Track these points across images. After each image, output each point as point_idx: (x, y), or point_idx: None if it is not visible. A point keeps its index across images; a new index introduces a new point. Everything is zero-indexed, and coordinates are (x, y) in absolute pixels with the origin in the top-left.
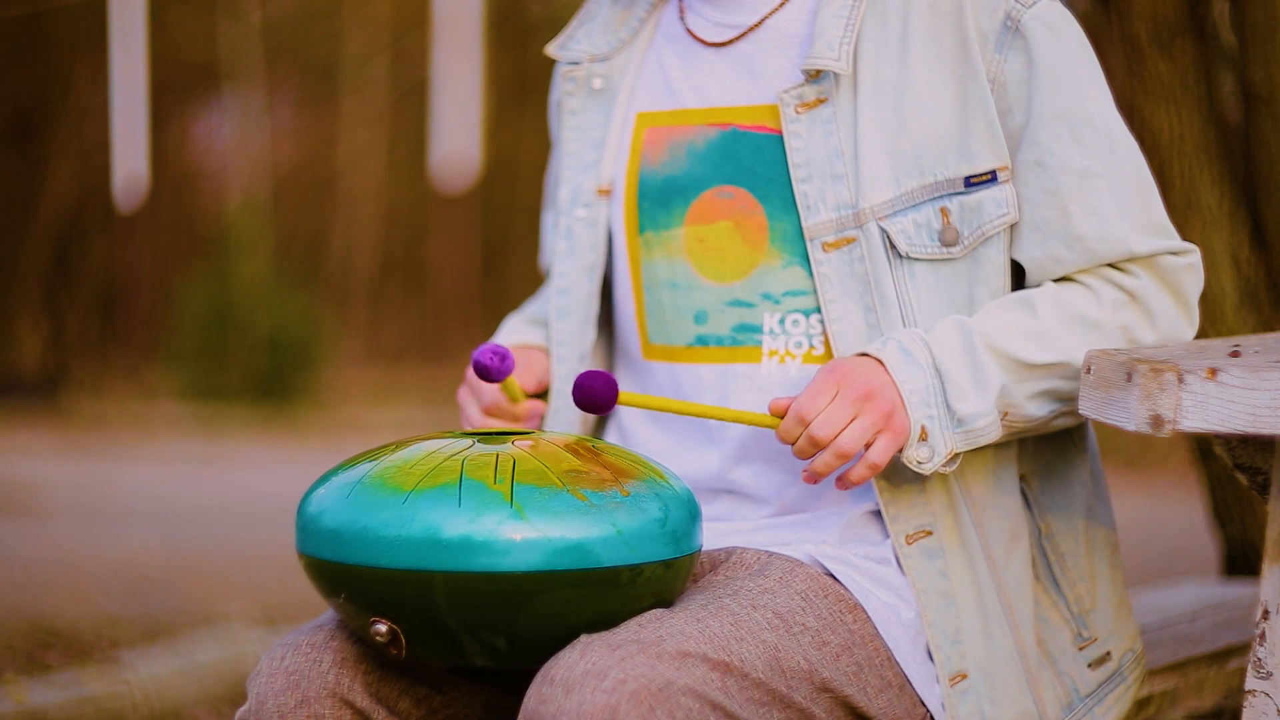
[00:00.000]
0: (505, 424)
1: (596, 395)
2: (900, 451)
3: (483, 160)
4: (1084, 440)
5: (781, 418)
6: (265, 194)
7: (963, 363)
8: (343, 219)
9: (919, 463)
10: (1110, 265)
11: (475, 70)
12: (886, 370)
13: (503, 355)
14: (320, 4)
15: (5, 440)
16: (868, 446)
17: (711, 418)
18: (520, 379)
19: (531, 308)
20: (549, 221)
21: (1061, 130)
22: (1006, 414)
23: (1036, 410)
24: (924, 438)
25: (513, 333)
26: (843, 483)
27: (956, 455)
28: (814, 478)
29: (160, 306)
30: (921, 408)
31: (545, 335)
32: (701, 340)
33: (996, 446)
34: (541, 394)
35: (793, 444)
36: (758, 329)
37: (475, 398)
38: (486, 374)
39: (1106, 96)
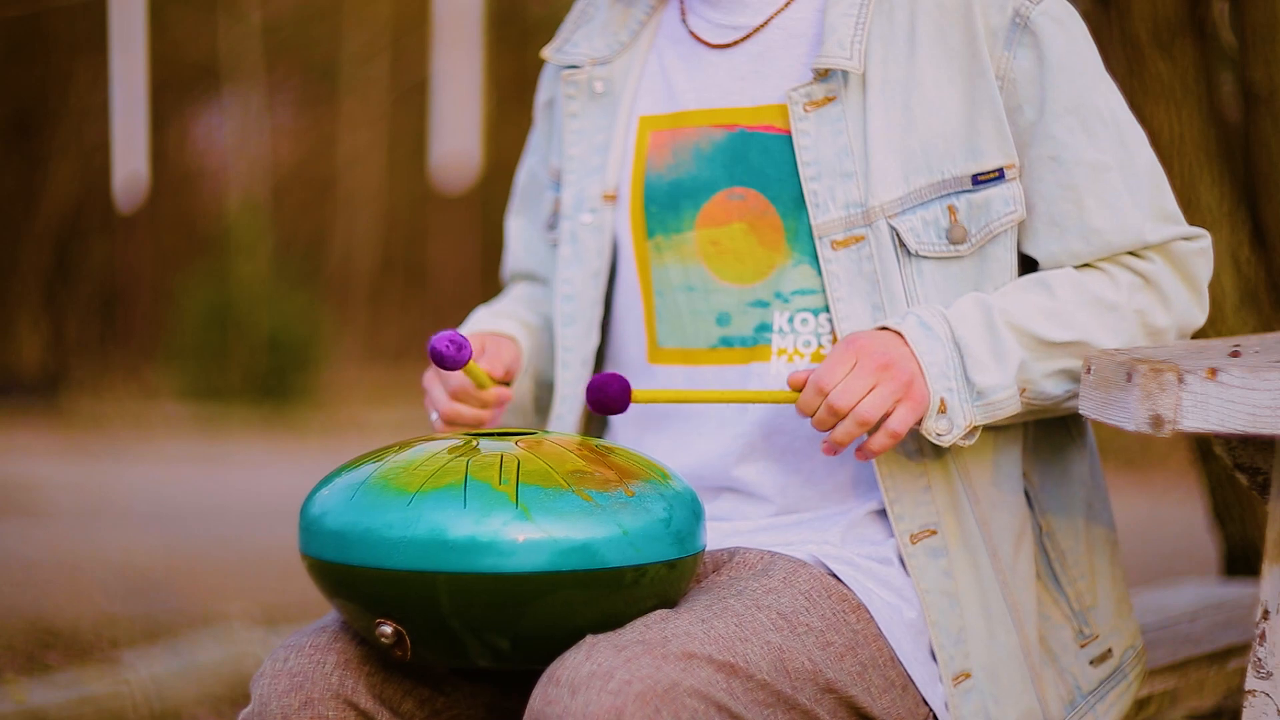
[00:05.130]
0: (471, 412)
1: (610, 397)
2: (919, 424)
3: (483, 160)
4: (1083, 437)
5: (800, 391)
6: (265, 194)
7: (982, 336)
8: (343, 219)
9: (938, 434)
10: (1125, 252)
11: (475, 70)
12: (906, 342)
13: (459, 344)
14: (320, 4)
15: (5, 440)
16: (887, 416)
17: (729, 402)
18: (488, 365)
19: (500, 304)
20: (515, 228)
21: (1074, 124)
22: (1024, 390)
23: (1053, 389)
24: (943, 410)
25: (481, 322)
26: (863, 453)
27: (975, 429)
28: (834, 448)
29: (160, 306)
30: (940, 380)
31: (514, 326)
32: (726, 341)
33: (999, 443)
34: (508, 382)
35: (812, 415)
36: (770, 328)
37: (441, 381)
38: (441, 361)
39: (1113, 89)
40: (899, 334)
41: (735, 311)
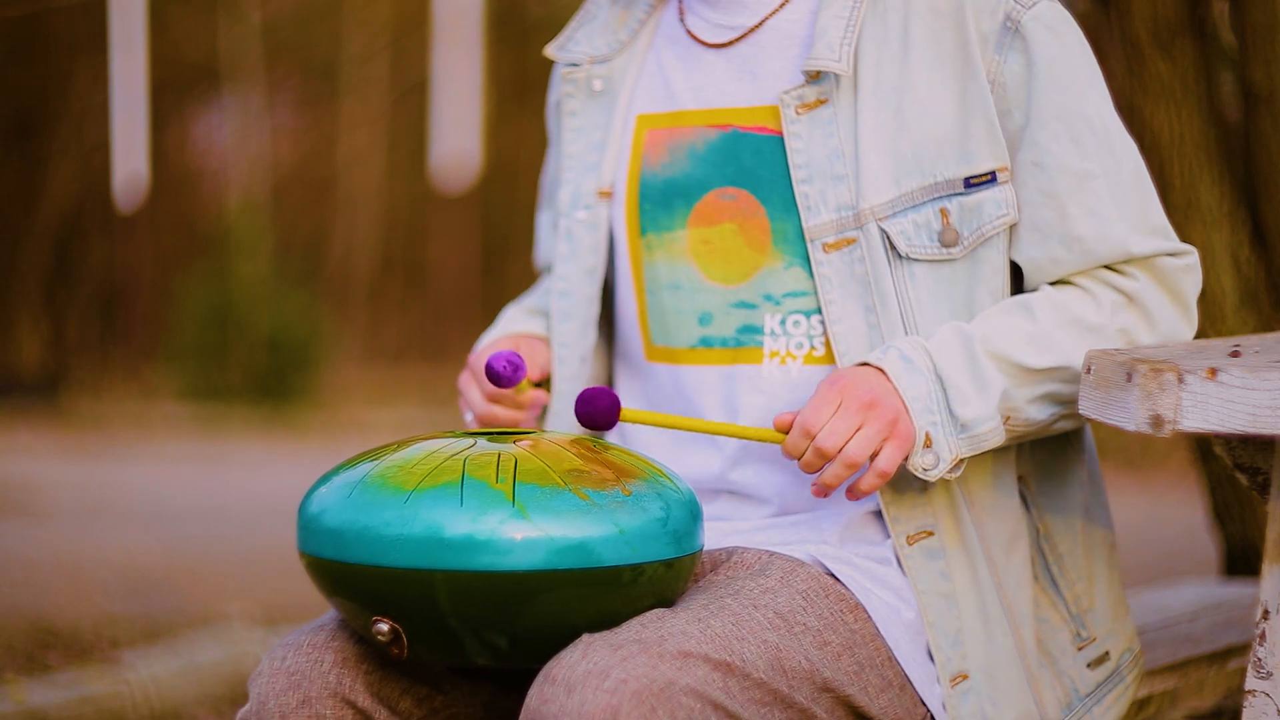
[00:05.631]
0: (507, 414)
1: (598, 414)
2: (906, 460)
3: (483, 160)
4: (1081, 441)
5: (786, 432)
6: (265, 194)
7: (964, 369)
8: (343, 219)
9: (925, 469)
10: (1108, 267)
11: (475, 70)
12: (888, 378)
13: (516, 364)
14: (320, 4)
15: (5, 440)
16: (874, 455)
17: (715, 434)
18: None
19: (530, 299)
20: (544, 221)
21: (1060, 131)
22: (1008, 418)
23: (1037, 414)
24: (928, 444)
25: (513, 322)
26: (853, 493)
27: (961, 461)
28: (824, 490)
29: (160, 306)
30: (924, 414)
31: (545, 325)
32: (705, 342)
33: (995, 448)
34: (543, 382)
35: (799, 458)
36: (759, 330)
37: (478, 384)
38: (499, 381)
39: (1105, 97)
40: (881, 370)
41: (717, 312)
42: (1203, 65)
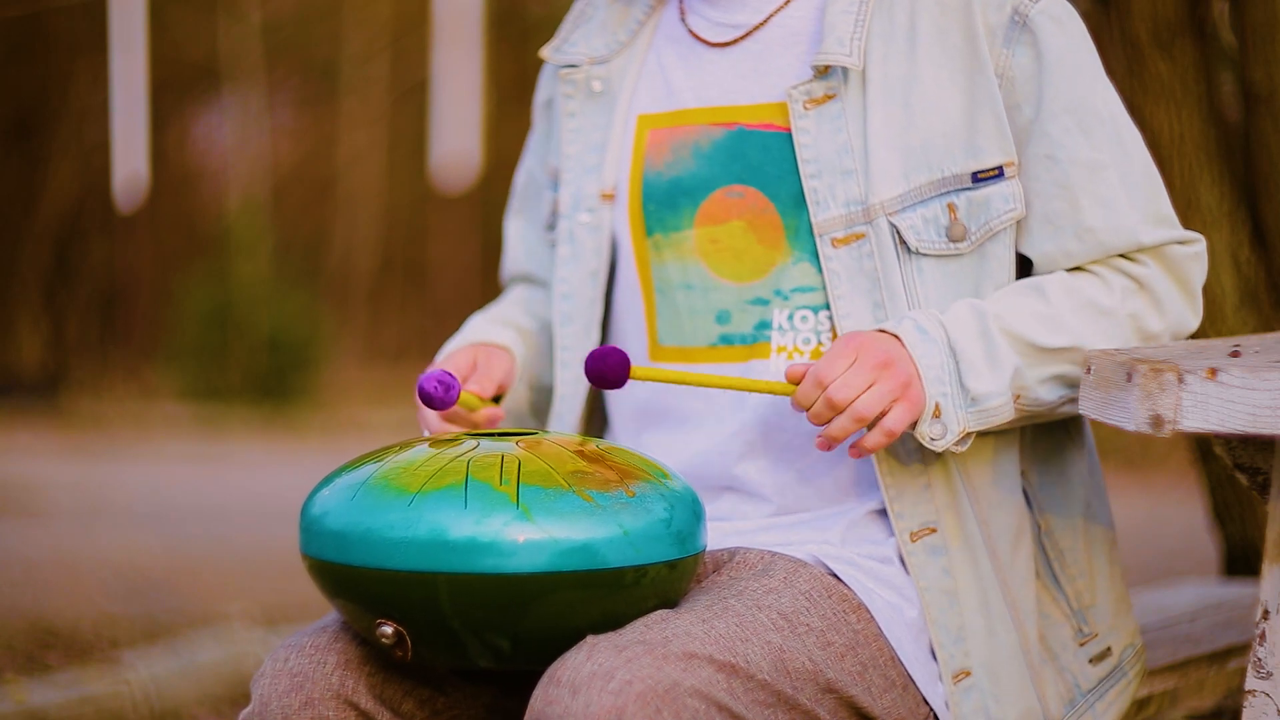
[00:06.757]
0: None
1: (610, 366)
2: (913, 427)
3: (483, 160)
4: (1081, 436)
5: (798, 383)
6: (265, 194)
7: (977, 343)
8: (343, 219)
9: (932, 439)
10: (1119, 255)
11: (475, 70)
12: (904, 346)
13: (447, 384)
14: (320, 4)
15: (5, 440)
16: (883, 414)
17: (726, 388)
18: (478, 383)
19: (496, 309)
20: (513, 229)
21: (1071, 124)
22: (1018, 397)
23: (1047, 395)
24: (937, 414)
25: (476, 330)
26: (857, 450)
27: (968, 435)
28: (829, 443)
29: (160, 306)
30: (936, 384)
31: (513, 335)
32: (725, 340)
33: (998, 443)
34: (498, 397)
35: (809, 408)
36: (770, 325)
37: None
38: (430, 402)
39: (1110, 89)
40: (896, 337)
41: (735, 309)
42: (1203, 65)
